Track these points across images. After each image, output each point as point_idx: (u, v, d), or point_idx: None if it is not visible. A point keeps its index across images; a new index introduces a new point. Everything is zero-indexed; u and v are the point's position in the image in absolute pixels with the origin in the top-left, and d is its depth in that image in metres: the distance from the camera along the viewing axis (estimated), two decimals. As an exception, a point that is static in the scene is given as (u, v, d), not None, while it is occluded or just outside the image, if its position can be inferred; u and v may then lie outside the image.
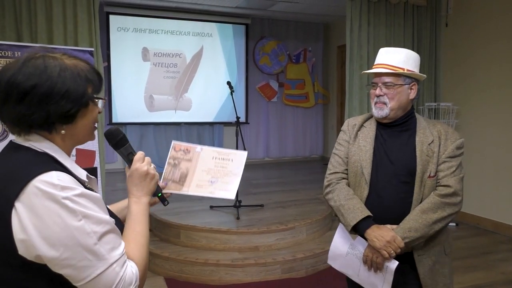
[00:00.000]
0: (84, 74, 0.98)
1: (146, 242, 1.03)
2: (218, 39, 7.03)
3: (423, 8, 5.02)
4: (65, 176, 0.89)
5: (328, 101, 7.93)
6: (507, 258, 3.83)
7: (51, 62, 0.94)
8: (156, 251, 3.51)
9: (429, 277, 1.69)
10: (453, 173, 1.67)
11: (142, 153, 1.14)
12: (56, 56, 0.97)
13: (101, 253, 0.88)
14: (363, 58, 4.60)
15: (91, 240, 0.86)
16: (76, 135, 1.00)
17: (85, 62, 1.02)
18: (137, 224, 1.04)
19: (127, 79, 6.46)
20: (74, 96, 0.94)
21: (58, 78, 0.92)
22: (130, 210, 1.07)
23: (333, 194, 1.79)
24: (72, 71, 0.96)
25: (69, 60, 0.98)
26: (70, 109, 0.94)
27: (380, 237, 1.62)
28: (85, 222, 0.86)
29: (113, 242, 0.91)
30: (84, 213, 0.86)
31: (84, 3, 3.75)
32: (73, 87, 0.94)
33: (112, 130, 1.16)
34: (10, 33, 3.61)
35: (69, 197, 0.86)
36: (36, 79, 0.91)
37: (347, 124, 1.90)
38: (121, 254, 0.92)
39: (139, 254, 0.99)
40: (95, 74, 1.02)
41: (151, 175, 1.12)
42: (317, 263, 3.50)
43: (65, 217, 0.84)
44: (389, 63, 1.72)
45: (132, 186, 1.10)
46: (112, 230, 0.92)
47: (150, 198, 1.13)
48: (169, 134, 6.88)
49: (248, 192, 4.93)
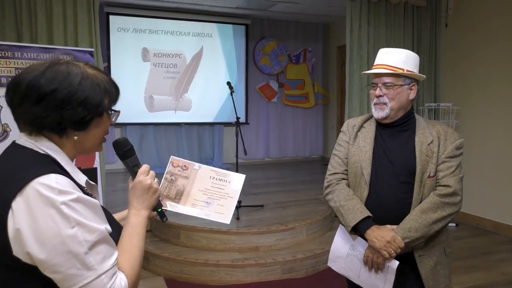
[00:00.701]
0: (103, 85, 1.00)
1: (140, 254, 1.03)
2: (218, 39, 7.03)
3: (423, 9, 5.02)
4: (64, 180, 0.89)
5: (328, 101, 7.93)
6: (507, 259, 3.83)
7: (74, 70, 0.97)
8: (156, 252, 3.51)
9: (431, 278, 1.70)
10: (452, 173, 1.68)
11: (147, 166, 1.15)
12: (80, 64, 1.00)
13: (91, 263, 0.87)
14: (363, 59, 4.60)
15: (82, 248, 0.86)
16: (86, 143, 1.02)
17: (105, 74, 1.05)
18: (134, 236, 1.04)
19: (127, 79, 6.46)
20: (91, 105, 0.96)
21: (79, 86, 0.95)
22: (129, 221, 1.07)
23: (333, 194, 1.79)
24: (92, 81, 0.98)
25: (91, 70, 1.01)
26: (85, 116, 0.96)
27: (380, 237, 1.62)
28: (78, 230, 0.86)
29: (105, 252, 0.91)
30: (78, 221, 0.86)
31: (84, 3, 3.76)
32: (91, 95, 0.97)
33: (120, 140, 1.16)
34: (10, 34, 3.61)
35: (66, 202, 0.85)
36: (57, 84, 0.93)
37: (347, 125, 1.90)
38: (111, 265, 0.91)
39: (131, 266, 0.98)
40: (113, 86, 1.05)
41: (154, 189, 1.12)
42: (317, 263, 3.50)
43: (59, 223, 0.84)
44: (389, 64, 1.72)
45: (134, 198, 1.10)
46: (105, 239, 0.91)
47: (150, 212, 1.12)
48: (169, 134, 6.88)
49: (248, 193, 4.93)
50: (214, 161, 7.04)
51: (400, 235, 1.62)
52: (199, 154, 7.06)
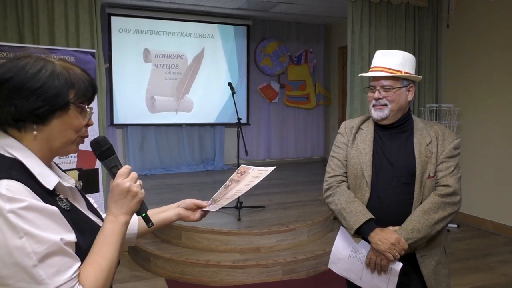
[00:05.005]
0: (69, 78, 0.94)
1: (108, 266, 0.92)
2: (219, 40, 7.04)
3: (424, 10, 5.02)
4: (16, 185, 0.83)
5: (329, 102, 7.92)
6: (509, 260, 3.82)
7: (37, 62, 0.92)
8: (157, 252, 3.52)
9: (433, 278, 1.70)
10: (451, 173, 1.69)
11: (128, 168, 1.03)
12: (51, 60, 0.95)
13: (41, 277, 0.81)
14: (364, 60, 4.60)
15: (30, 261, 0.80)
16: (51, 140, 0.95)
17: (82, 70, 0.99)
18: (105, 245, 0.94)
19: (128, 80, 6.47)
20: (47, 95, 0.90)
21: (35, 75, 0.90)
22: (103, 228, 0.97)
23: (334, 197, 1.79)
24: (54, 71, 0.92)
25: (63, 64, 0.95)
26: (40, 107, 0.90)
27: (384, 239, 1.62)
28: (26, 241, 0.79)
29: (59, 265, 0.83)
30: (26, 230, 0.80)
31: (86, 4, 3.76)
32: (48, 85, 0.91)
33: (98, 140, 1.06)
34: (12, 34, 3.62)
35: (13, 210, 0.80)
36: (12, 74, 0.89)
37: (344, 127, 1.89)
38: (67, 279, 0.84)
39: (94, 280, 0.89)
40: (85, 82, 0.98)
41: (133, 192, 1.00)
42: (318, 264, 3.50)
43: (5, 233, 0.79)
44: (387, 66, 1.71)
45: (111, 202, 1.00)
46: (59, 251, 0.84)
47: (130, 218, 1.01)
48: (170, 135, 6.88)
49: (249, 194, 4.91)
50: (215, 162, 7.04)
51: (404, 237, 1.62)
52: (200, 155, 7.07)
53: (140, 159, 6.62)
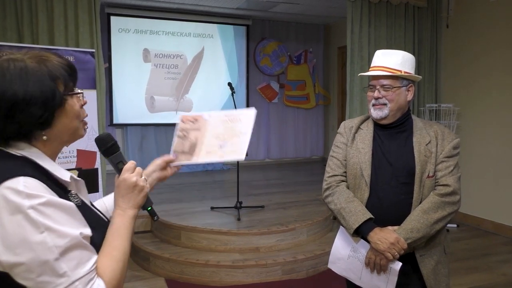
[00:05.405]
0: (50, 73, 0.92)
1: (123, 258, 0.96)
2: (219, 40, 7.04)
3: (424, 10, 5.02)
4: (34, 182, 0.85)
5: (329, 102, 7.93)
6: (508, 260, 3.83)
7: (12, 68, 0.89)
8: (157, 252, 3.51)
9: (432, 277, 1.70)
10: (451, 172, 1.69)
11: (133, 163, 1.06)
12: (18, 57, 0.92)
13: (62, 270, 0.83)
14: (363, 59, 4.60)
15: (51, 255, 0.82)
16: (60, 137, 0.96)
17: (55, 56, 0.97)
18: (116, 238, 0.98)
19: (128, 80, 6.47)
20: (42, 100, 0.89)
21: (21, 86, 0.87)
22: (113, 222, 1.00)
23: (333, 197, 1.79)
24: (34, 74, 0.90)
25: (32, 59, 0.92)
26: (42, 114, 0.90)
27: (384, 239, 1.63)
28: (48, 235, 0.82)
29: (79, 258, 0.86)
30: (47, 226, 0.82)
31: (85, 4, 3.76)
32: (38, 91, 0.89)
33: (102, 136, 1.10)
34: (12, 34, 3.62)
35: (34, 206, 0.82)
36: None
37: (344, 127, 1.90)
38: (87, 272, 0.87)
39: (111, 271, 0.93)
40: (63, 68, 0.96)
41: (140, 187, 1.04)
42: (318, 264, 3.50)
43: (27, 229, 0.81)
44: (386, 65, 1.72)
45: (119, 197, 1.03)
46: (79, 245, 0.87)
47: (137, 211, 1.05)
48: (170, 135, 6.87)
49: (249, 193, 4.93)
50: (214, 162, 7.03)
51: (403, 236, 1.62)
52: (200, 155, 7.06)
53: (140, 159, 6.60)
